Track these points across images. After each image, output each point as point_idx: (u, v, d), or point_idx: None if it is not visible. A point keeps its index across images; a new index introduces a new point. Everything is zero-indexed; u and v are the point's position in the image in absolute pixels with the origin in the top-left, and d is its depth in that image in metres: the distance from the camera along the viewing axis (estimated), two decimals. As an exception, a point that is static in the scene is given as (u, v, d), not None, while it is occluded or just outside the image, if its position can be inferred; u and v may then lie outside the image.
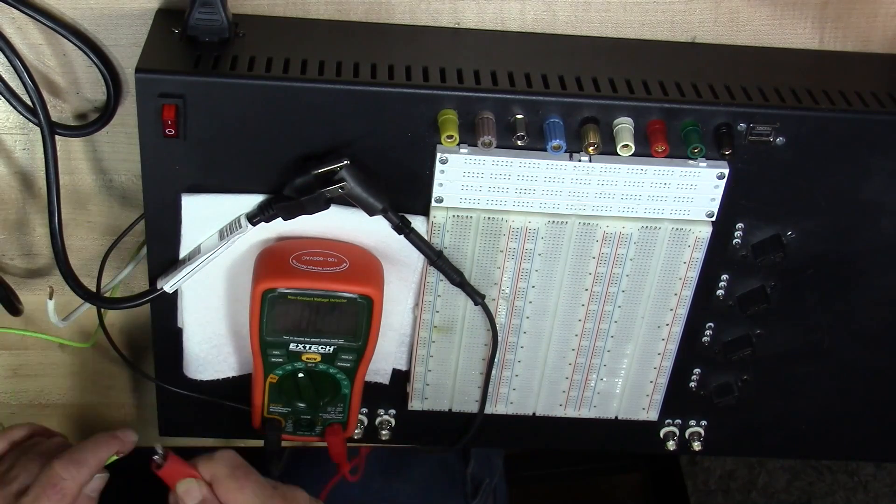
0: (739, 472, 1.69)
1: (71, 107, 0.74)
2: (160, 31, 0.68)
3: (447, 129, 0.66)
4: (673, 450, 0.85)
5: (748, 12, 0.74)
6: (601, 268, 0.74)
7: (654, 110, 0.67)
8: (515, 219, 0.71)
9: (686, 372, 0.81)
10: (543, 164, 0.69)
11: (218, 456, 0.71)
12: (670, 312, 0.76)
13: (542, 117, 0.67)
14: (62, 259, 0.72)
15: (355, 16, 0.72)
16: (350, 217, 0.69)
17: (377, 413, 0.83)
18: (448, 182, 0.69)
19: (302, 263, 0.69)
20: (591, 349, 0.78)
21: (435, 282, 0.74)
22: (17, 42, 0.71)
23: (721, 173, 0.69)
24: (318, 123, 0.66)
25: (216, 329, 0.76)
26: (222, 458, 0.71)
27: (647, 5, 0.73)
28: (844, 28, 0.75)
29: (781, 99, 0.69)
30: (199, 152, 0.67)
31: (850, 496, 1.67)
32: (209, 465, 0.70)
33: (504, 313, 0.76)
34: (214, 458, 0.71)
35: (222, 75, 0.65)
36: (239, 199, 0.69)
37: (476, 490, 1.09)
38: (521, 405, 0.82)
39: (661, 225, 0.72)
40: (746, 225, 0.73)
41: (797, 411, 0.84)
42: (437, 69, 0.67)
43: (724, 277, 0.76)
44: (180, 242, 0.71)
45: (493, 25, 0.74)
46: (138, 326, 0.85)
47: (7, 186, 0.78)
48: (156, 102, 0.64)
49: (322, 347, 0.72)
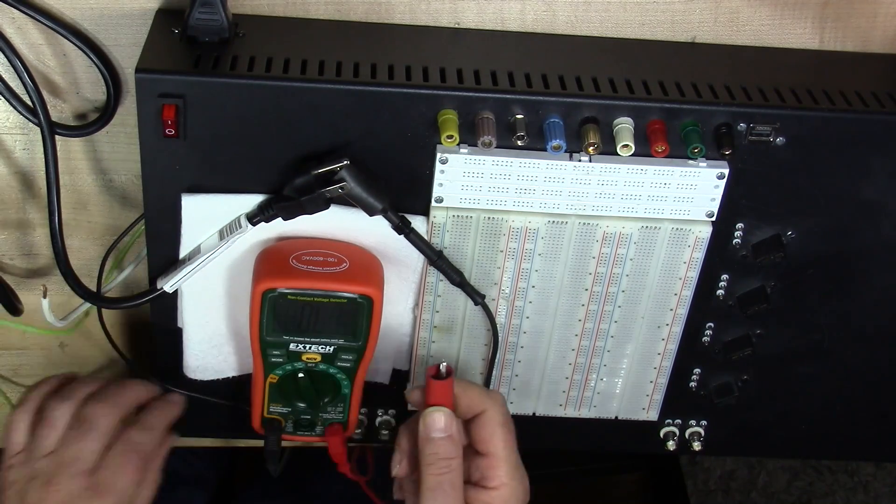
0: (739, 472, 1.69)
1: (71, 107, 0.74)
2: (160, 31, 0.68)
3: (447, 129, 0.66)
4: (673, 450, 0.85)
5: (748, 12, 0.74)
6: (601, 268, 0.74)
7: (654, 110, 0.67)
8: (515, 219, 0.71)
9: (686, 372, 0.81)
10: (543, 164, 0.69)
11: (496, 397, 0.67)
12: (670, 312, 0.76)
13: (542, 117, 0.67)
14: (62, 259, 0.72)
15: (355, 16, 0.72)
16: (350, 217, 0.69)
17: (377, 413, 0.83)
18: (448, 182, 0.69)
19: (302, 263, 0.69)
20: (591, 349, 0.78)
21: (435, 282, 0.74)
22: (17, 42, 0.71)
23: (721, 173, 0.69)
24: (318, 123, 0.66)
25: (216, 329, 0.76)
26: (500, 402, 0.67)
27: (647, 5, 0.73)
28: (844, 28, 0.75)
29: (781, 99, 0.69)
30: (199, 152, 0.67)
31: (850, 496, 1.67)
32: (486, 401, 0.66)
33: (504, 313, 0.76)
34: (493, 396, 0.67)
35: (222, 75, 0.65)
36: (239, 199, 0.69)
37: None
38: (521, 405, 0.82)
39: (661, 225, 0.72)
40: (746, 225, 0.73)
41: (797, 411, 0.84)
42: (437, 69, 0.67)
43: (724, 277, 0.76)
44: (180, 242, 0.71)
45: (493, 25, 0.74)
46: (138, 326, 0.85)
47: (7, 186, 0.78)
48: (156, 102, 0.64)
49: (322, 347, 0.72)
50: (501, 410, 0.66)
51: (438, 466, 0.63)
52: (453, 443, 0.64)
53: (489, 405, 0.66)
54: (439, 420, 0.64)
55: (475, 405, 0.66)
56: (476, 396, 0.66)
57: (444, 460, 0.63)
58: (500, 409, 0.66)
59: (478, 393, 0.67)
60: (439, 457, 0.63)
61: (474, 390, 0.67)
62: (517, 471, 0.65)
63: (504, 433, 0.65)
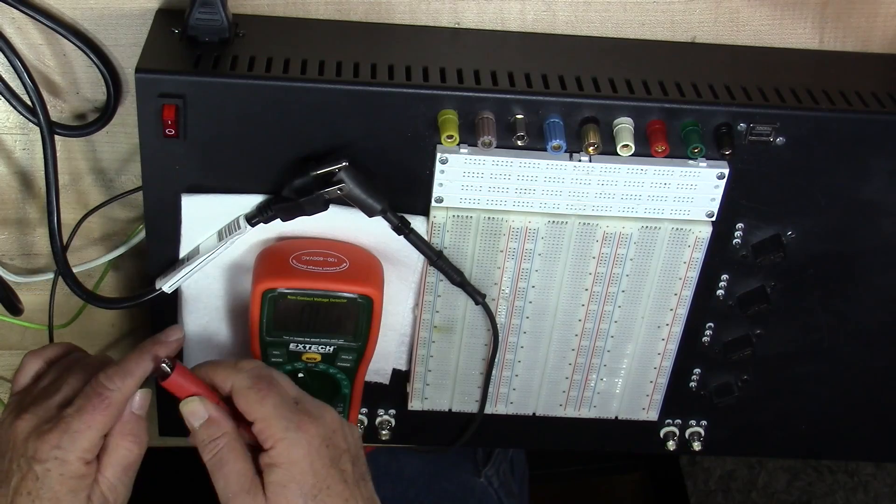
0: (739, 472, 1.69)
1: (71, 107, 0.74)
2: (160, 31, 0.68)
3: (447, 129, 0.66)
4: (673, 450, 0.85)
5: (748, 12, 0.74)
6: (601, 268, 0.74)
7: (654, 110, 0.67)
8: (515, 219, 0.71)
9: (686, 372, 0.81)
10: (543, 164, 0.69)
11: (241, 366, 0.67)
12: (670, 312, 0.76)
13: (542, 117, 0.67)
14: (61, 259, 0.72)
15: (355, 16, 0.72)
16: (350, 217, 0.69)
17: (377, 413, 0.83)
18: (448, 182, 0.69)
19: (302, 263, 0.69)
20: (591, 349, 0.78)
21: (435, 282, 0.74)
22: (17, 42, 0.71)
23: (721, 173, 0.69)
24: (318, 123, 0.66)
25: (216, 329, 0.76)
26: (245, 368, 0.67)
27: (647, 5, 0.73)
28: (844, 28, 0.75)
29: (781, 99, 0.69)
30: (199, 152, 0.67)
31: (850, 496, 1.67)
32: (230, 374, 0.66)
33: (504, 313, 0.76)
34: (237, 367, 0.67)
35: (222, 75, 0.65)
36: (239, 200, 0.69)
37: (488, 457, 1.06)
38: (521, 405, 0.82)
39: (661, 225, 0.72)
40: (746, 225, 0.73)
41: (797, 411, 0.84)
42: (437, 69, 0.67)
43: (724, 277, 0.76)
44: (180, 242, 0.71)
45: (493, 25, 0.74)
46: (138, 326, 0.85)
47: (7, 186, 0.78)
48: (156, 102, 0.64)
49: (322, 347, 0.72)
50: (248, 376, 0.66)
51: (209, 448, 0.65)
52: (213, 423, 0.65)
53: (234, 377, 0.66)
54: (192, 411, 0.65)
55: (224, 382, 0.67)
56: (221, 374, 0.67)
57: (211, 442, 0.65)
58: (244, 375, 0.66)
59: (222, 369, 0.67)
60: (206, 441, 0.65)
61: (218, 368, 0.67)
62: (290, 422, 0.64)
63: (255, 394, 0.65)
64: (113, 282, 0.81)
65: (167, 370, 0.65)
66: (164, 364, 0.65)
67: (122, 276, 0.81)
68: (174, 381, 0.66)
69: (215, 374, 0.67)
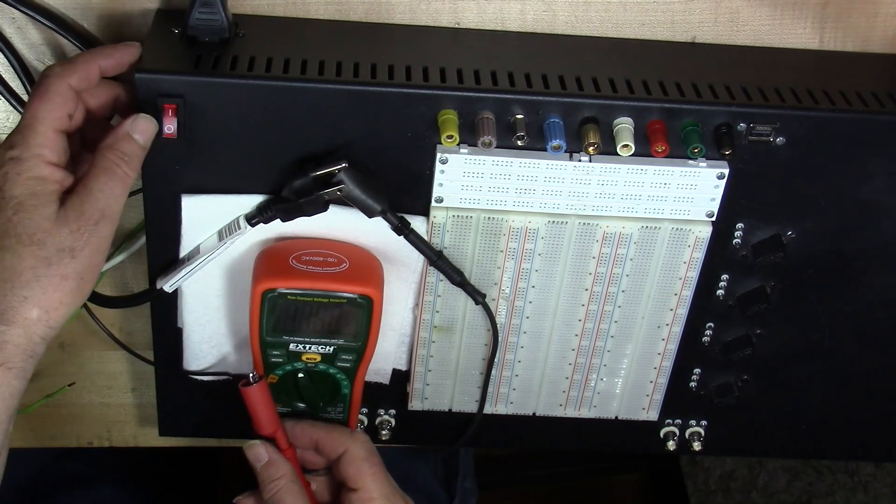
0: (739, 472, 1.69)
1: (71, 107, 0.74)
2: (160, 31, 0.68)
3: (447, 129, 0.66)
4: (673, 450, 0.85)
5: (748, 12, 0.74)
6: (601, 268, 0.74)
7: (654, 110, 0.67)
8: (515, 219, 0.71)
9: (686, 372, 0.81)
10: (543, 164, 0.69)
11: (357, 436, 0.74)
12: (670, 312, 0.76)
13: (542, 117, 0.67)
14: (62, 259, 0.72)
15: (355, 16, 0.72)
16: (350, 217, 0.69)
17: (377, 413, 0.83)
18: (448, 182, 0.69)
19: (302, 263, 0.69)
20: (591, 349, 0.78)
21: (435, 282, 0.74)
22: (17, 42, 0.71)
23: (721, 173, 0.69)
24: (318, 123, 0.66)
25: (216, 329, 0.76)
26: (361, 440, 0.74)
27: (647, 5, 0.73)
28: (844, 28, 0.75)
29: (781, 99, 0.69)
30: (199, 152, 0.67)
31: (850, 496, 1.67)
32: (347, 440, 0.73)
33: (504, 313, 0.76)
34: (354, 436, 0.74)
35: (222, 75, 0.65)
36: (239, 200, 0.69)
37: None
38: (521, 405, 0.82)
39: (661, 225, 0.72)
40: (746, 225, 0.73)
41: (797, 411, 0.84)
42: (437, 69, 0.67)
43: (724, 277, 0.76)
44: (180, 242, 0.71)
45: (493, 25, 0.74)
46: (138, 326, 0.85)
47: (7, 186, 0.78)
48: (156, 102, 0.64)
49: (322, 347, 0.72)
50: (364, 447, 0.74)
51: (269, 488, 0.72)
52: (273, 465, 0.72)
53: (350, 443, 0.73)
54: (256, 455, 0.73)
55: (337, 445, 0.74)
56: (337, 437, 0.74)
57: (271, 483, 0.72)
58: (361, 445, 0.74)
59: (338, 433, 0.74)
60: (267, 481, 0.72)
61: (335, 431, 0.74)
62: (389, 500, 0.72)
63: (369, 467, 0.73)
64: (113, 281, 0.81)
65: (252, 381, 0.71)
66: (251, 375, 0.71)
67: (122, 276, 0.81)
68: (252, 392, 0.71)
69: (329, 435, 0.74)
